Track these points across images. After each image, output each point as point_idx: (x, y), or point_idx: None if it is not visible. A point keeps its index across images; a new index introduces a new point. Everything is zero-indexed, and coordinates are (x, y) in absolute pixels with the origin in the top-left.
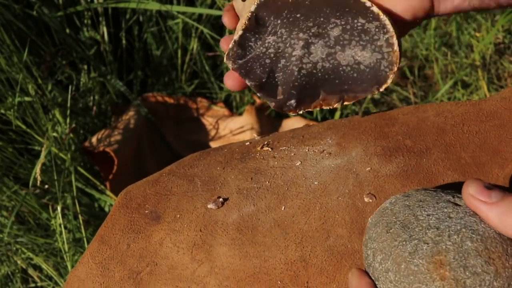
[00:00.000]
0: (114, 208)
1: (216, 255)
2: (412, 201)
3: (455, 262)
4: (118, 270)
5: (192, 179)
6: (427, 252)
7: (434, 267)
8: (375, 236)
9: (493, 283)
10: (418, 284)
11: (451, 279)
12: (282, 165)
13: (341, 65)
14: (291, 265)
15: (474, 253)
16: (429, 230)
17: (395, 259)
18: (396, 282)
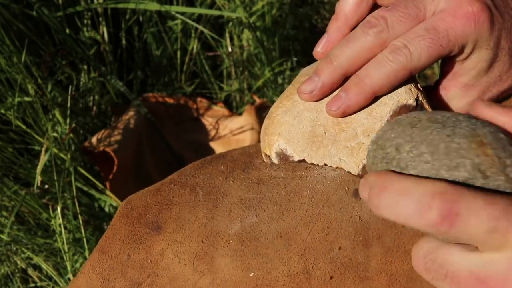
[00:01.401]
0: (115, 218)
1: (218, 267)
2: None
3: (495, 144)
4: (118, 281)
5: (193, 188)
6: (465, 134)
7: (477, 145)
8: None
9: None
10: (462, 159)
11: (495, 156)
12: (285, 175)
13: None
14: (294, 277)
15: (508, 142)
16: (461, 122)
17: (430, 142)
18: (434, 161)
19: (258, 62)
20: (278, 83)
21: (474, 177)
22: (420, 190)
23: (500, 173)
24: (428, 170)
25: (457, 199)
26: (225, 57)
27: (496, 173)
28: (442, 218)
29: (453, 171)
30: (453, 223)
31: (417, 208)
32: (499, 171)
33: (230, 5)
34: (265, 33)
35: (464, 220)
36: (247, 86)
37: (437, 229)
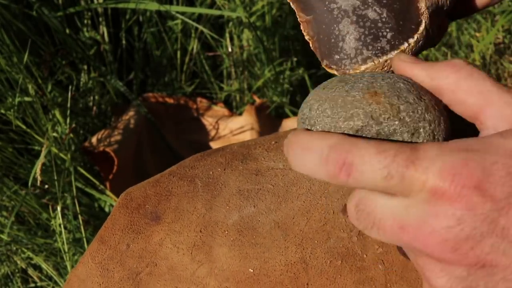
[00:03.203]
0: (115, 209)
1: (216, 256)
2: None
3: (389, 92)
4: (117, 270)
5: (192, 180)
6: (363, 87)
7: (370, 95)
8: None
9: (425, 115)
10: (355, 109)
11: (386, 103)
12: (283, 166)
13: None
14: (291, 266)
15: (406, 90)
16: (363, 78)
17: (332, 98)
18: (333, 115)
19: (258, 62)
20: (278, 83)
21: (367, 124)
22: (319, 144)
23: (393, 118)
24: (329, 123)
25: (350, 149)
26: (225, 57)
27: (389, 119)
28: (339, 169)
29: (349, 121)
30: (349, 173)
31: (317, 161)
32: (392, 116)
33: (230, 5)
34: (265, 33)
35: (359, 169)
36: (247, 86)
37: (337, 180)
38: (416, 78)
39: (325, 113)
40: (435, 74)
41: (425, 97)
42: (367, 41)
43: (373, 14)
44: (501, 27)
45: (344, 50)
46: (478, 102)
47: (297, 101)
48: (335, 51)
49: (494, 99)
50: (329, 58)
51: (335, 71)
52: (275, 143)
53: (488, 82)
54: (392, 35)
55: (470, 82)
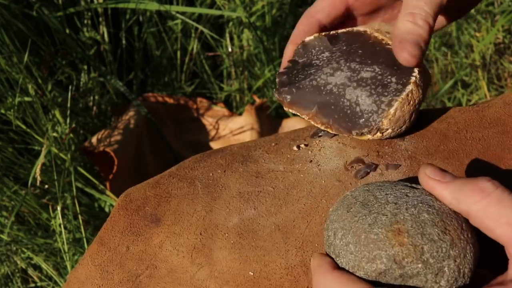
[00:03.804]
0: (114, 210)
1: (216, 259)
2: (371, 186)
3: (412, 230)
4: (117, 272)
5: (192, 181)
6: (385, 222)
7: (393, 234)
8: (336, 218)
9: (450, 251)
10: (378, 251)
11: (409, 245)
12: (283, 168)
13: (344, 97)
14: (292, 270)
15: (431, 223)
16: (387, 205)
17: (355, 232)
18: (357, 253)
19: (258, 62)
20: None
21: (390, 268)
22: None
23: (416, 261)
24: (352, 261)
25: None
26: (225, 57)
27: (413, 262)
28: None
29: (372, 263)
30: None
31: None
32: (415, 259)
33: (230, 5)
34: (265, 33)
35: None
36: (247, 86)
37: None
38: (443, 200)
39: (349, 248)
40: (463, 198)
41: (450, 227)
42: (379, 91)
43: (368, 74)
44: (501, 27)
45: (364, 110)
46: (505, 234)
47: None
48: (357, 116)
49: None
50: (356, 127)
51: (369, 135)
52: (275, 145)
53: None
54: (396, 77)
55: (498, 210)
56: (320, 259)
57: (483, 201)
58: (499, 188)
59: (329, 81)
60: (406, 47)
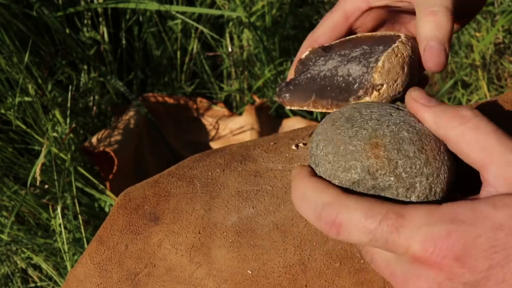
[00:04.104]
0: (114, 209)
1: (215, 258)
2: (360, 105)
3: (389, 145)
4: (116, 271)
5: (191, 180)
6: (365, 135)
7: (370, 147)
8: (321, 131)
9: (423, 169)
10: (354, 161)
11: (384, 158)
12: (282, 167)
13: (337, 75)
14: (290, 268)
15: (409, 141)
16: (370, 121)
17: (335, 143)
18: (334, 162)
19: (258, 62)
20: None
21: (363, 178)
22: (314, 199)
23: (389, 174)
24: (329, 169)
25: (340, 210)
26: (225, 57)
27: (385, 174)
28: (330, 227)
29: (347, 172)
30: (339, 232)
31: (312, 215)
32: (388, 172)
33: (230, 5)
34: (265, 33)
35: (347, 231)
36: (247, 86)
37: (328, 235)
38: (424, 123)
39: (327, 157)
40: (442, 123)
41: (427, 147)
42: (367, 57)
43: (357, 52)
44: (501, 27)
45: (356, 76)
46: (480, 158)
47: None
48: (351, 84)
49: (496, 158)
50: (352, 93)
51: (366, 97)
52: (274, 144)
53: (493, 137)
54: (383, 45)
55: (474, 135)
56: (300, 168)
57: (461, 126)
58: (478, 116)
59: (322, 69)
60: (432, 57)
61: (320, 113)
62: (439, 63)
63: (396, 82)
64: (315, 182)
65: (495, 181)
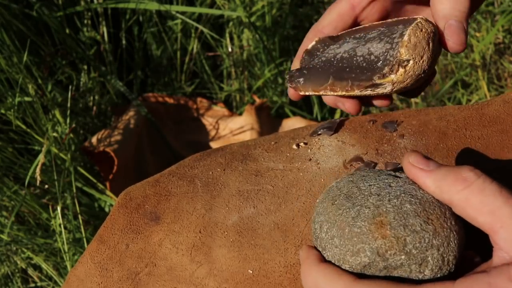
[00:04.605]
0: (114, 208)
1: (215, 257)
2: (355, 177)
3: (395, 221)
4: (116, 270)
5: (192, 180)
6: (368, 215)
7: (376, 227)
8: (321, 211)
9: (432, 241)
10: (362, 244)
11: (392, 237)
12: (283, 167)
13: (356, 55)
14: (291, 268)
15: (413, 214)
16: (370, 197)
17: (339, 225)
18: (341, 246)
19: (258, 62)
20: (278, 83)
21: (374, 261)
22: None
23: (399, 253)
24: (338, 254)
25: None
26: (225, 57)
27: (396, 254)
28: None
29: (356, 256)
30: None
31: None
32: (398, 251)
33: (230, 5)
34: (265, 33)
35: None
36: (247, 86)
37: None
38: (425, 189)
39: (334, 241)
40: (445, 188)
41: (433, 216)
42: (389, 35)
43: (374, 34)
44: (501, 27)
45: (379, 54)
46: (488, 222)
47: (297, 101)
48: (374, 63)
49: (506, 220)
50: (376, 71)
51: (392, 75)
52: (275, 143)
53: (499, 200)
54: (402, 24)
55: (480, 199)
56: (308, 251)
57: (465, 190)
58: (481, 177)
59: (337, 51)
60: (453, 36)
61: (320, 113)
62: (461, 41)
63: (422, 58)
64: (325, 269)
65: (506, 245)
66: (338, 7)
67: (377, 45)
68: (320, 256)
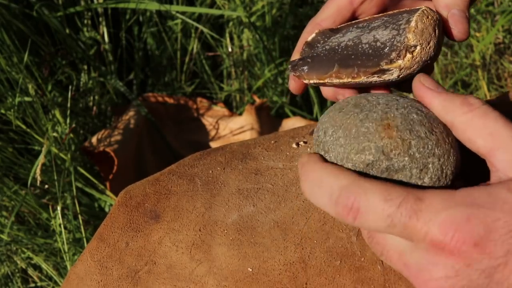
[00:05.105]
0: (114, 207)
1: (215, 255)
2: (363, 94)
3: (401, 126)
4: (116, 268)
5: (192, 178)
6: (376, 117)
7: (383, 128)
8: (327, 119)
9: (435, 149)
10: (367, 142)
11: (398, 138)
12: (283, 166)
13: (361, 43)
14: (290, 266)
15: (419, 123)
16: (378, 105)
17: (346, 127)
18: (346, 145)
19: (258, 62)
20: (278, 83)
21: (378, 159)
22: (329, 183)
23: (404, 154)
24: (341, 153)
25: (358, 194)
26: (225, 57)
27: (400, 154)
28: (346, 212)
29: (360, 154)
30: (355, 217)
31: (327, 200)
32: (402, 152)
33: (230, 5)
34: (265, 33)
35: (364, 215)
36: (247, 86)
37: (344, 221)
38: (432, 109)
39: (339, 141)
40: (450, 109)
41: (436, 129)
42: (394, 22)
43: (378, 23)
44: (501, 27)
45: (386, 40)
46: (487, 144)
47: (297, 101)
48: (380, 49)
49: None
50: (383, 57)
51: (399, 60)
52: (274, 142)
53: (500, 123)
54: (406, 13)
55: (482, 121)
56: (309, 155)
57: (470, 113)
58: (486, 105)
59: (341, 40)
60: (457, 25)
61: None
62: (465, 30)
63: (429, 44)
64: (328, 166)
65: (503, 166)
66: (336, 1)
67: (382, 32)
68: (321, 157)
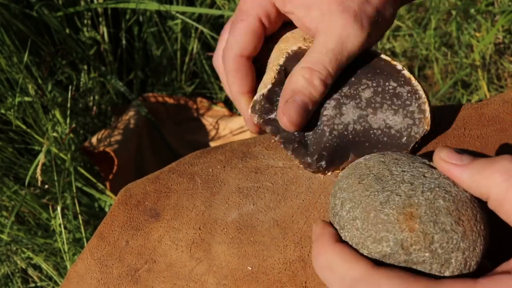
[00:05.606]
0: (114, 205)
1: (215, 254)
2: (387, 158)
3: (425, 216)
4: (116, 266)
5: (192, 177)
6: (398, 203)
7: (404, 218)
8: (346, 187)
9: (460, 244)
10: (386, 233)
11: (420, 232)
12: (283, 164)
13: (372, 128)
14: (290, 265)
15: (445, 211)
16: (402, 184)
17: (364, 207)
18: (363, 230)
19: None
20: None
21: (396, 252)
22: (342, 272)
23: (424, 250)
24: (357, 237)
25: None
26: None
27: (420, 250)
28: None
29: (377, 244)
30: None
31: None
32: (423, 247)
33: (230, 5)
34: None
35: None
36: None
37: None
38: (460, 184)
39: (355, 223)
40: (482, 181)
41: (464, 217)
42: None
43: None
44: (501, 27)
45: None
46: None
47: None
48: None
49: None
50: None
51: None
52: (275, 141)
53: None
54: (393, 81)
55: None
56: (324, 228)
57: (505, 183)
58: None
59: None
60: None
61: None
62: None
63: None
64: (342, 251)
65: None
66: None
67: (393, 117)
68: (336, 234)
